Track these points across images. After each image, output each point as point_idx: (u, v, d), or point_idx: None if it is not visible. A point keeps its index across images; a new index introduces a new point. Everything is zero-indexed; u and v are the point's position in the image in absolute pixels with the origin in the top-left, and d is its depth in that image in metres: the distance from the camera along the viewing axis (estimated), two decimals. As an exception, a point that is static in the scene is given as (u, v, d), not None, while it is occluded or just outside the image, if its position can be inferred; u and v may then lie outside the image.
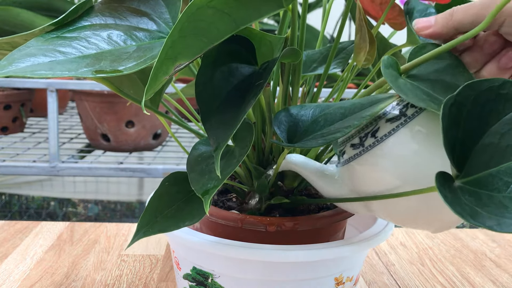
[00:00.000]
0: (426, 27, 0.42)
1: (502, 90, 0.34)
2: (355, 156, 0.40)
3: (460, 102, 0.33)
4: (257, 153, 0.47)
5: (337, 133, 0.37)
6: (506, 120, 0.34)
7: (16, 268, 0.63)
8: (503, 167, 0.33)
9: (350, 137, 0.41)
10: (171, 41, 0.31)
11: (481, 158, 0.33)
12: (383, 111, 0.39)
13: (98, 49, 0.35)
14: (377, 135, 0.39)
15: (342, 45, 0.54)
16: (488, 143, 0.33)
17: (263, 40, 0.38)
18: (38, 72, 0.31)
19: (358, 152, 0.40)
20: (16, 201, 2.20)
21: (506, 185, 0.32)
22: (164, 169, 1.15)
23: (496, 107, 0.34)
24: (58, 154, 1.12)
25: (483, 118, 0.34)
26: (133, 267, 0.64)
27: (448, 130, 0.32)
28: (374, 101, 0.38)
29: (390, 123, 0.39)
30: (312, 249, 0.42)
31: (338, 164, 0.44)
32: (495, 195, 0.32)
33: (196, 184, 0.37)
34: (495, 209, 0.31)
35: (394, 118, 0.39)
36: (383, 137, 0.39)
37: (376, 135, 0.39)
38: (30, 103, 1.34)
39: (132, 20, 0.38)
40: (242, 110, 0.34)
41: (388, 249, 0.73)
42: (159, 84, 0.31)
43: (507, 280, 0.64)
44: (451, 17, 0.40)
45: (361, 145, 0.40)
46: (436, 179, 0.32)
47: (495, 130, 0.34)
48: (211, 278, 0.45)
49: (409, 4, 0.48)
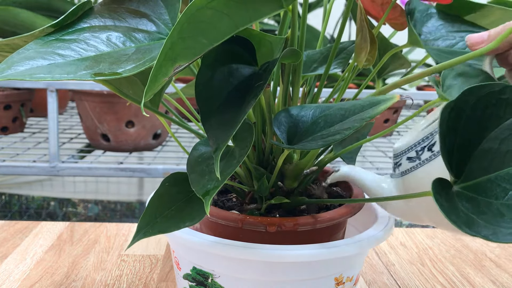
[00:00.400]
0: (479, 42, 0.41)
1: (502, 95, 0.34)
2: (412, 169, 0.41)
3: (459, 107, 0.33)
4: (257, 153, 0.47)
5: (336, 135, 0.37)
6: (506, 125, 0.33)
7: (16, 268, 0.63)
8: (502, 173, 0.33)
9: (406, 150, 0.43)
10: (171, 43, 0.31)
11: (480, 163, 0.33)
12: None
13: (97, 51, 0.35)
14: (433, 149, 0.40)
15: (342, 45, 0.54)
16: (488, 149, 0.33)
17: (263, 41, 0.38)
18: (37, 76, 0.31)
19: (414, 165, 0.41)
20: (16, 201, 2.20)
21: (504, 192, 0.32)
22: (164, 169, 1.15)
23: (496, 112, 0.34)
24: (58, 154, 1.12)
25: (482, 123, 0.34)
26: (133, 267, 0.64)
27: (446, 135, 0.32)
28: (375, 102, 0.38)
29: None
30: (312, 249, 0.42)
31: (394, 175, 0.45)
32: (493, 202, 0.31)
33: (196, 185, 0.37)
34: (492, 217, 0.30)
35: None
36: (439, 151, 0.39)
37: (432, 149, 0.40)
38: (30, 103, 1.34)
39: (131, 21, 0.38)
40: (242, 111, 0.34)
41: (388, 249, 0.73)
42: (159, 85, 0.31)
43: (507, 280, 0.64)
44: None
45: (418, 158, 0.41)
46: (432, 186, 0.31)
47: (494, 136, 0.33)
48: (211, 278, 0.45)
49: (410, 4, 0.48)
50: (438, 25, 0.48)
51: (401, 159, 0.43)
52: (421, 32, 0.49)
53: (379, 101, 0.38)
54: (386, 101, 0.37)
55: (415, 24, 0.47)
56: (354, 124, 0.36)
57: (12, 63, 0.32)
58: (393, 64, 0.54)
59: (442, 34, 0.48)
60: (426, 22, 0.48)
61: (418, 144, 0.41)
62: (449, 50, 0.46)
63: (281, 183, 0.47)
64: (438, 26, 0.48)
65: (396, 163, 0.44)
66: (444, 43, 0.47)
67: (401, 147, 0.43)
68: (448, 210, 0.30)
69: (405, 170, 0.42)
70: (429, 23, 0.48)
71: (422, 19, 0.48)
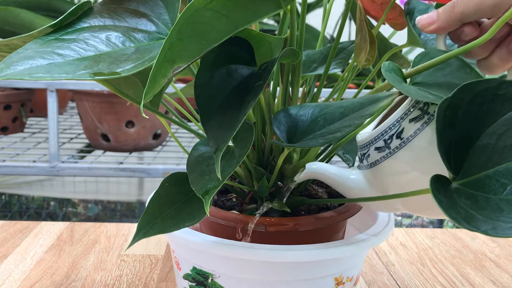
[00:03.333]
0: (430, 23, 0.41)
1: (499, 90, 0.34)
2: (382, 159, 0.40)
3: (456, 104, 0.33)
4: (257, 153, 0.47)
5: (337, 132, 0.37)
6: (503, 120, 0.33)
7: (16, 268, 0.63)
8: (500, 168, 0.32)
9: (372, 140, 0.41)
10: (170, 44, 0.31)
11: (478, 159, 0.33)
12: (404, 112, 0.39)
13: (97, 51, 0.35)
14: (402, 136, 0.39)
15: (342, 45, 0.54)
16: (485, 144, 0.33)
17: (262, 41, 0.38)
18: (36, 75, 0.31)
19: (384, 154, 0.40)
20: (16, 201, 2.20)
21: (503, 187, 0.32)
22: (164, 169, 1.15)
23: (493, 107, 0.34)
24: (58, 154, 1.12)
25: (479, 119, 0.34)
26: (133, 267, 0.64)
27: (442, 132, 0.32)
28: (374, 99, 0.38)
29: (414, 123, 0.38)
30: (312, 249, 0.42)
31: (361, 167, 0.44)
32: (492, 198, 0.31)
33: (196, 185, 0.37)
34: (491, 212, 0.30)
35: (417, 117, 0.38)
36: (409, 137, 0.39)
37: (401, 136, 0.39)
38: (30, 103, 1.34)
39: (131, 21, 0.38)
40: (242, 111, 0.34)
41: (388, 249, 0.73)
42: (158, 87, 0.31)
43: (507, 280, 0.64)
44: (454, 9, 0.40)
45: (387, 147, 0.40)
46: (430, 183, 0.31)
47: (492, 131, 0.33)
48: (211, 278, 0.45)
49: (410, 4, 0.48)
50: (438, 25, 0.48)
51: (368, 149, 0.42)
52: (420, 32, 0.49)
53: (378, 98, 0.38)
54: (385, 98, 0.37)
55: (415, 24, 0.47)
56: (354, 122, 0.36)
57: (11, 63, 0.32)
58: (393, 64, 0.54)
59: (441, 34, 0.47)
60: (425, 22, 0.48)
61: (385, 132, 0.40)
62: (448, 49, 0.46)
63: (281, 183, 0.47)
64: (438, 26, 0.48)
65: (363, 154, 0.43)
66: (444, 42, 0.47)
67: (368, 138, 0.42)
68: (447, 207, 0.30)
69: (375, 161, 0.41)
70: (429, 23, 0.48)
71: (421, 19, 0.48)
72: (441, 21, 0.41)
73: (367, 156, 0.42)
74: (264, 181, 0.44)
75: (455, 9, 0.40)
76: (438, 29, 0.41)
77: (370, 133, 0.42)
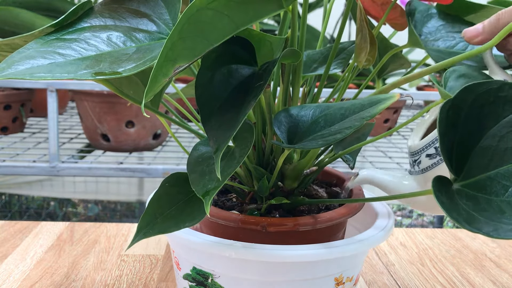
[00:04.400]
0: (475, 35, 0.42)
1: (500, 92, 0.34)
2: (433, 165, 0.42)
3: (458, 105, 0.33)
4: (257, 153, 0.47)
5: (337, 134, 0.37)
6: (504, 122, 0.33)
7: (16, 268, 0.63)
8: (501, 170, 0.33)
9: (424, 147, 0.43)
10: (171, 43, 0.31)
11: (480, 161, 0.33)
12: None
13: (98, 51, 0.35)
14: None
15: (342, 45, 0.54)
16: (487, 146, 0.33)
17: (263, 41, 0.38)
18: (37, 75, 0.31)
19: (435, 161, 0.42)
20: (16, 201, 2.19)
21: (504, 189, 0.32)
22: (164, 169, 1.15)
23: (495, 109, 0.34)
24: (58, 154, 1.12)
25: (481, 120, 0.34)
26: (133, 267, 0.64)
27: (445, 134, 0.32)
28: (375, 101, 0.38)
29: None
30: (312, 249, 0.42)
31: (413, 172, 0.46)
32: (493, 199, 0.31)
33: (196, 185, 0.37)
34: (493, 214, 0.30)
35: None
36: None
37: None
38: (30, 103, 1.34)
39: (132, 21, 0.38)
40: (242, 111, 0.34)
41: (388, 249, 0.73)
42: (159, 86, 0.31)
43: (507, 280, 0.64)
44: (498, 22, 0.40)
45: (438, 154, 0.42)
46: (432, 184, 0.31)
47: (493, 133, 0.33)
48: (211, 278, 0.45)
49: (411, 4, 0.48)
50: (438, 26, 0.48)
51: (419, 156, 0.44)
52: (421, 33, 0.49)
53: (379, 100, 0.38)
54: (386, 100, 0.37)
55: (416, 25, 0.47)
56: (355, 123, 0.36)
57: (12, 63, 0.32)
58: (393, 64, 0.55)
59: (442, 35, 0.48)
60: (426, 22, 0.48)
61: (436, 140, 0.42)
62: (449, 51, 0.46)
63: (281, 183, 0.47)
64: (438, 26, 0.48)
65: (414, 160, 0.45)
66: (444, 43, 0.47)
67: (419, 145, 0.44)
68: (449, 208, 0.30)
69: (426, 167, 0.43)
70: (430, 23, 0.48)
71: (422, 20, 0.48)
72: (486, 33, 0.41)
73: (419, 163, 0.44)
74: (265, 181, 0.44)
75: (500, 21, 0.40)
76: (484, 41, 0.42)
77: (422, 141, 0.44)
